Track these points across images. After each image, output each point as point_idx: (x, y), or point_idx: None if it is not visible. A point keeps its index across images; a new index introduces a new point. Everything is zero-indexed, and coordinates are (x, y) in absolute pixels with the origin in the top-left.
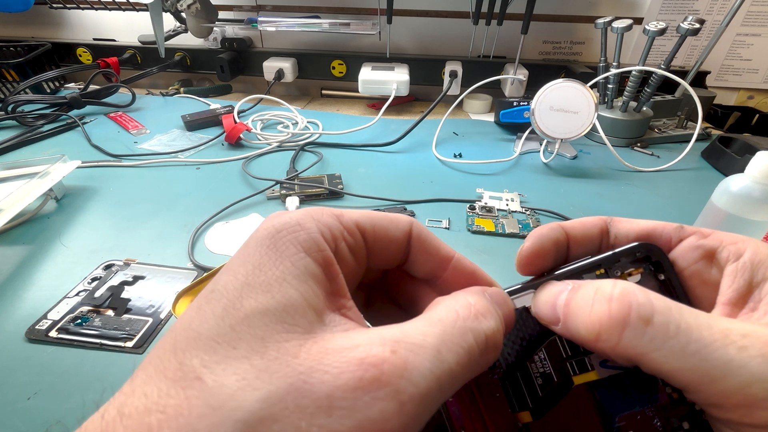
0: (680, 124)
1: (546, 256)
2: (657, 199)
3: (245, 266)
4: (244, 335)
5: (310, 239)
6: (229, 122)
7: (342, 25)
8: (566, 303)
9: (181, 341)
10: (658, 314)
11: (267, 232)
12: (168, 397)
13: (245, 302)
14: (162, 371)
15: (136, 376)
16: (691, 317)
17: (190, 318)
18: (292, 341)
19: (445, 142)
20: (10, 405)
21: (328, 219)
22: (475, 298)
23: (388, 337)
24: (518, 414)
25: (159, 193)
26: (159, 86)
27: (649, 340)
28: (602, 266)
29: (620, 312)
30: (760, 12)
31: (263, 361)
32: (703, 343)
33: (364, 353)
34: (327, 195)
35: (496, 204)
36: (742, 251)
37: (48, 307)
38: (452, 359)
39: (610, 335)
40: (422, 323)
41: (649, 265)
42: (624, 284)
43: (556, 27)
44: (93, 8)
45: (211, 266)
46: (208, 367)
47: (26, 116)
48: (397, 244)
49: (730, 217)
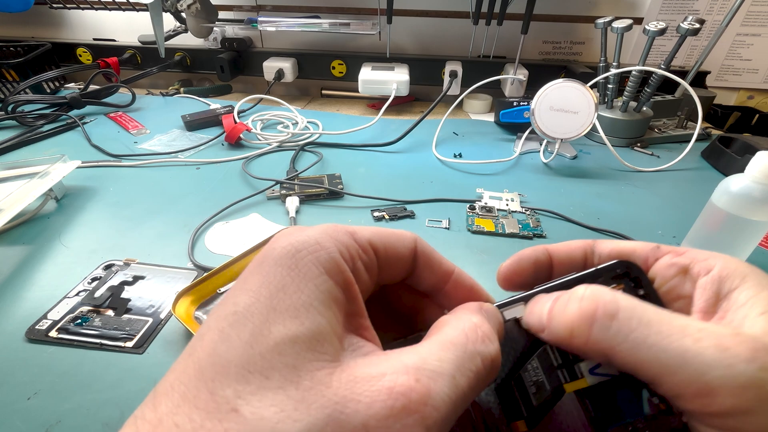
0: (680, 124)
1: (524, 274)
2: (657, 199)
3: (267, 288)
4: (277, 364)
5: (331, 260)
6: (229, 122)
7: (342, 25)
8: (549, 310)
9: (208, 368)
10: (622, 311)
11: (286, 250)
12: (203, 429)
13: (273, 328)
14: (191, 400)
15: (159, 401)
16: (653, 314)
17: (213, 342)
18: (323, 370)
19: (445, 142)
20: (10, 405)
21: (344, 237)
22: (478, 318)
23: (410, 365)
24: (514, 424)
25: (159, 193)
26: (159, 86)
27: (614, 334)
28: (585, 281)
29: (588, 309)
30: (760, 12)
31: (299, 392)
32: (662, 335)
33: (392, 382)
34: (327, 195)
35: (496, 204)
36: (711, 267)
37: (48, 307)
38: (465, 383)
39: (581, 331)
40: (436, 348)
41: (630, 281)
42: (595, 287)
43: (556, 27)
44: (93, 8)
45: (211, 266)
46: (243, 398)
47: (26, 116)
48: (404, 260)
49: (730, 217)
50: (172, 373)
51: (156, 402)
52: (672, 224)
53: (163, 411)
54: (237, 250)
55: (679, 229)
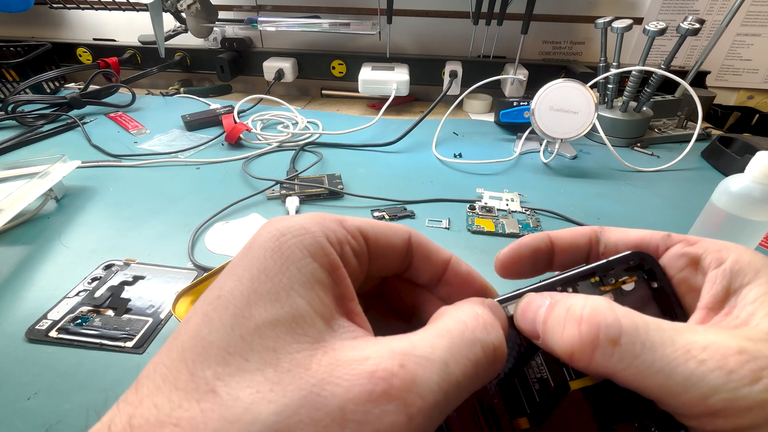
0: (680, 124)
1: (521, 262)
2: (657, 199)
3: (250, 270)
4: (256, 346)
5: (316, 243)
6: (229, 122)
7: (342, 25)
8: (544, 320)
9: (191, 350)
10: (625, 335)
11: (271, 235)
12: (181, 409)
13: (254, 311)
14: (172, 381)
15: (141, 384)
16: (657, 334)
17: (196, 325)
18: (303, 352)
19: (445, 142)
20: (10, 405)
21: (332, 223)
22: (481, 308)
23: (397, 350)
24: (516, 420)
25: (159, 193)
26: (159, 86)
27: (618, 360)
28: (596, 274)
29: (589, 334)
30: (760, 12)
31: (276, 374)
32: (667, 360)
33: (374, 366)
34: (327, 195)
35: (496, 204)
36: (724, 258)
37: (48, 307)
38: (459, 371)
39: (582, 356)
40: (430, 334)
41: (643, 273)
42: (594, 303)
43: (556, 27)
44: (93, 8)
45: (211, 266)
46: (221, 380)
47: (26, 116)
48: (397, 251)
49: (730, 217)
50: (157, 356)
51: (138, 384)
52: (672, 224)
53: (144, 392)
54: (237, 250)
55: (679, 229)
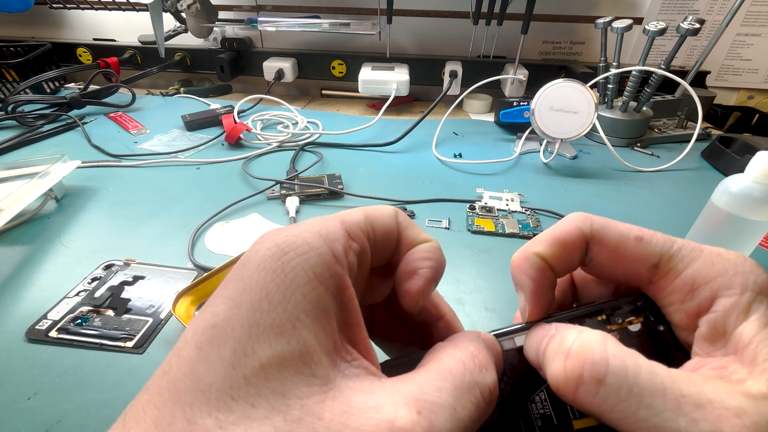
0: (680, 124)
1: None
2: (657, 199)
3: (249, 296)
4: (263, 390)
5: (322, 263)
6: (229, 122)
7: (342, 25)
8: (543, 350)
9: (186, 392)
10: (611, 375)
11: (271, 252)
12: None
13: (257, 347)
14: (165, 428)
15: (129, 428)
16: (648, 379)
17: (190, 360)
18: (313, 397)
19: (445, 142)
20: (10, 405)
21: (334, 230)
22: (475, 345)
23: (409, 396)
24: None
25: (159, 193)
26: (159, 86)
27: (602, 401)
28: (604, 312)
29: (573, 370)
30: (760, 12)
31: (286, 424)
32: (654, 411)
33: (392, 415)
34: (327, 195)
35: (496, 204)
36: (715, 292)
37: (48, 307)
38: (465, 415)
39: (566, 391)
40: (434, 377)
41: (649, 315)
42: (585, 338)
43: (556, 27)
44: (93, 8)
45: (211, 266)
46: (225, 429)
47: (26, 116)
48: (392, 235)
49: (730, 217)
50: (145, 393)
51: (126, 428)
52: (672, 224)
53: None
54: (237, 250)
55: (679, 229)
